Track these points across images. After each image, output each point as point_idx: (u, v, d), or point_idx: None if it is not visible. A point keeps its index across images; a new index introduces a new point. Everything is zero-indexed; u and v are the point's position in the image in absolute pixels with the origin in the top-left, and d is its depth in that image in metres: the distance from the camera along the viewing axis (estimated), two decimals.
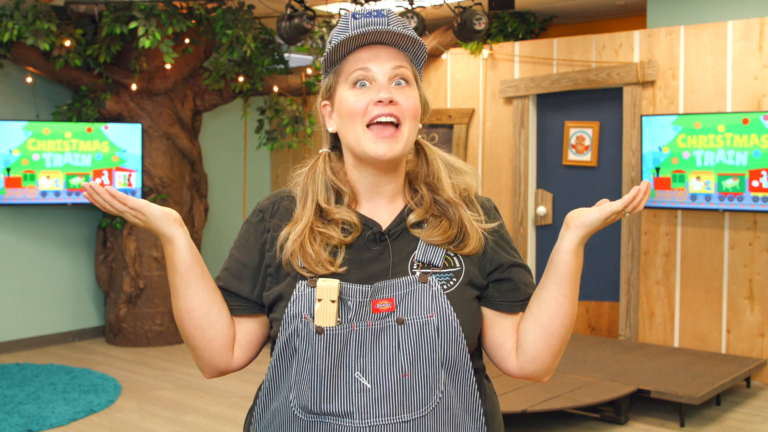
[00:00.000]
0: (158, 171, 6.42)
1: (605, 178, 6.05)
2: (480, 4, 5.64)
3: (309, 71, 6.63)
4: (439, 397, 1.36)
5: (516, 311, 1.46)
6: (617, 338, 5.89)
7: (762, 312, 5.31)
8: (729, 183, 5.24)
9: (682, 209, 5.48)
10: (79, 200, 6.17)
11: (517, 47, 6.40)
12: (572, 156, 6.19)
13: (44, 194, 6.08)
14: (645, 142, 5.55)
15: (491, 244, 1.46)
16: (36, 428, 4.38)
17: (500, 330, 1.47)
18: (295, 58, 7.64)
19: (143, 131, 6.34)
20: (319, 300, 1.36)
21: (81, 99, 6.31)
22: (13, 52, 5.92)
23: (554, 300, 1.40)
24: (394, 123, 1.40)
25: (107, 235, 6.49)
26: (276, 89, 6.60)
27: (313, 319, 1.36)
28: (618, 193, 5.96)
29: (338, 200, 1.46)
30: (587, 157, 6.11)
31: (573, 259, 1.37)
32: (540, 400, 4.28)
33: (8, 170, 5.97)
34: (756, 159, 5.14)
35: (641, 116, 5.61)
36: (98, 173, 6.22)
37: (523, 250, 6.35)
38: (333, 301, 1.35)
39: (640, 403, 4.79)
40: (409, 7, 5.68)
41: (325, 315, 1.35)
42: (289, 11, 5.27)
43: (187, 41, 6.16)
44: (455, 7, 5.79)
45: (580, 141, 6.14)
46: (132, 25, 5.60)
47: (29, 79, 6.23)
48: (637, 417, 4.60)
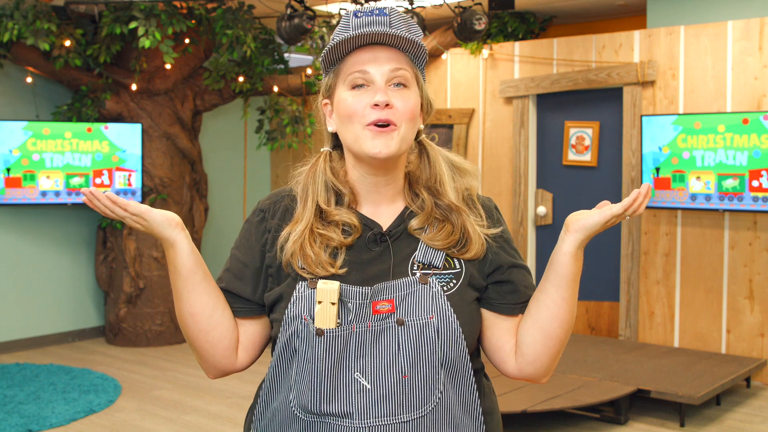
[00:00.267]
0: (158, 171, 6.42)
1: (605, 178, 6.05)
2: (480, 4, 5.64)
3: (309, 71, 6.63)
4: (438, 398, 1.36)
5: (516, 313, 1.46)
6: (617, 338, 5.89)
7: (762, 312, 5.31)
8: (729, 183, 5.24)
9: (682, 209, 5.48)
10: (79, 200, 6.17)
11: (517, 47, 6.40)
12: (572, 156, 6.19)
13: (44, 194, 6.08)
14: (645, 142, 5.55)
15: (493, 248, 1.46)
16: (36, 428, 4.38)
17: (499, 332, 1.47)
18: (295, 58, 7.64)
19: (143, 131, 6.34)
20: (319, 302, 1.36)
21: (81, 99, 6.31)
22: (13, 52, 5.92)
23: (553, 303, 1.39)
24: (391, 125, 1.40)
25: (107, 235, 6.49)
26: (276, 89, 6.60)
27: (313, 321, 1.36)
28: (618, 193, 5.95)
29: (338, 200, 1.46)
30: (587, 157, 6.11)
31: (573, 262, 1.37)
32: (540, 400, 4.28)
33: (8, 170, 5.97)
34: (756, 159, 5.14)
35: (641, 116, 5.61)
36: (98, 173, 6.22)
37: (523, 250, 6.35)
38: (333, 303, 1.35)
39: (640, 403, 4.79)
40: (409, 7, 5.68)
41: (325, 317, 1.35)
42: (289, 11, 5.27)
43: (187, 41, 6.16)
44: (455, 7, 5.79)
45: (580, 141, 6.14)
46: (132, 25, 5.60)
47: (29, 79, 6.23)
48: (637, 417, 4.60)
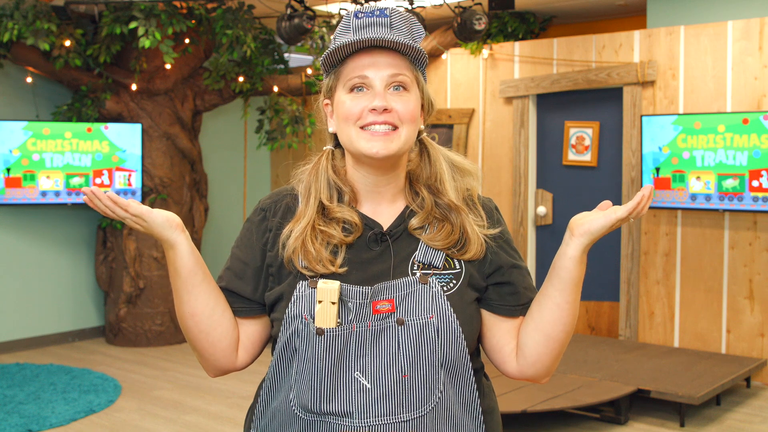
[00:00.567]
0: (158, 171, 6.42)
1: (605, 178, 6.05)
2: (480, 4, 5.64)
3: (309, 71, 6.63)
4: (438, 398, 1.36)
5: (516, 315, 1.46)
6: (617, 338, 5.89)
7: (762, 312, 5.31)
8: (729, 183, 5.24)
9: (682, 209, 5.48)
10: (79, 200, 6.17)
11: (517, 47, 6.40)
12: (572, 156, 6.19)
13: (44, 194, 6.08)
14: (645, 142, 5.55)
15: (492, 248, 1.46)
16: (36, 428, 4.38)
17: (500, 333, 1.47)
18: (295, 58, 7.64)
19: (143, 131, 6.34)
20: (320, 301, 1.36)
21: (81, 99, 6.31)
22: (13, 52, 5.92)
23: (556, 306, 1.40)
24: (390, 129, 1.40)
25: (107, 235, 6.49)
26: (276, 89, 6.60)
27: (314, 320, 1.36)
28: (618, 193, 5.96)
29: (340, 199, 1.46)
30: (587, 157, 6.11)
31: (577, 267, 1.37)
32: (540, 400, 4.28)
33: (8, 170, 5.97)
34: (756, 159, 5.14)
35: (641, 116, 5.61)
36: (98, 173, 6.22)
37: (523, 250, 6.35)
38: (333, 303, 1.35)
39: (640, 403, 4.79)
40: (409, 7, 5.68)
41: (326, 316, 1.35)
42: (289, 11, 5.27)
43: (187, 41, 6.16)
44: (455, 7, 5.79)
45: (580, 141, 6.14)
46: (132, 25, 5.60)
47: (29, 79, 6.23)
48: (637, 417, 4.60)
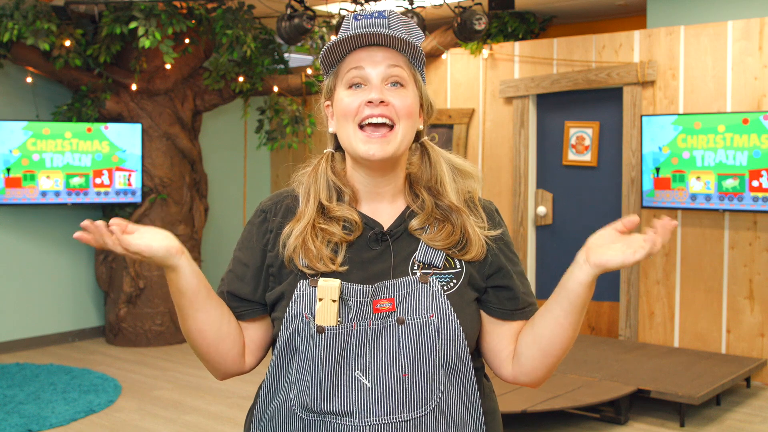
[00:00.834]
0: (158, 171, 6.42)
1: (605, 178, 6.05)
2: (480, 4, 5.64)
3: (309, 71, 6.63)
4: (439, 397, 1.36)
5: (514, 319, 1.46)
6: (617, 338, 5.89)
7: (762, 312, 5.31)
8: (729, 183, 5.24)
9: (682, 209, 5.48)
10: (79, 200, 6.17)
11: (517, 47, 6.40)
12: (572, 156, 6.19)
13: (44, 194, 6.08)
14: (645, 142, 5.55)
15: (493, 249, 1.46)
16: (36, 428, 4.38)
17: (498, 337, 1.47)
18: (295, 58, 7.64)
19: (143, 131, 6.34)
20: (320, 299, 1.36)
21: (81, 99, 6.31)
22: (13, 52, 5.92)
23: (559, 326, 1.39)
24: (388, 124, 1.40)
25: None
26: (276, 89, 6.60)
27: (314, 319, 1.36)
28: (618, 193, 5.96)
29: (340, 198, 1.47)
30: (587, 157, 6.11)
31: (585, 291, 1.35)
32: (540, 400, 4.28)
33: (8, 170, 5.97)
34: (756, 159, 5.14)
35: (641, 116, 5.61)
36: (98, 173, 6.22)
37: (523, 250, 6.35)
38: (334, 301, 1.35)
39: (640, 403, 4.79)
40: (409, 7, 5.68)
41: (326, 314, 1.35)
42: (289, 11, 5.27)
43: (187, 41, 6.16)
44: (455, 7, 5.79)
45: (580, 141, 6.14)
46: (132, 25, 5.60)
47: (29, 79, 6.23)
48: (637, 417, 4.60)
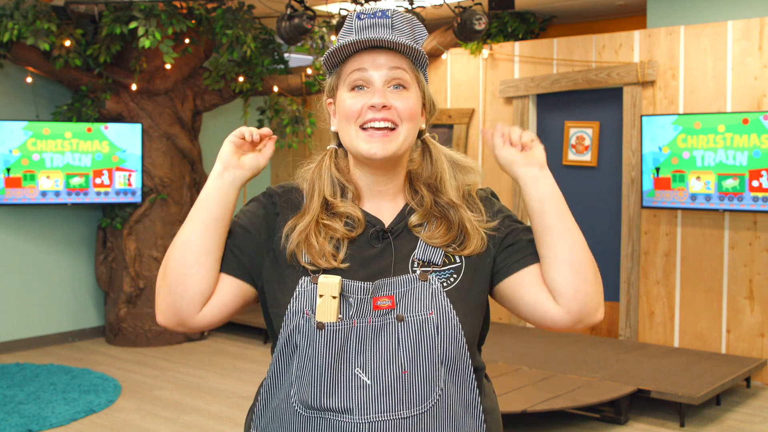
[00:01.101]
0: (158, 171, 6.42)
1: (605, 178, 6.05)
2: (480, 4, 5.64)
3: (309, 71, 6.64)
4: (438, 395, 1.36)
5: (531, 263, 1.44)
6: (617, 338, 5.89)
7: (762, 312, 5.31)
8: (729, 183, 5.24)
9: (682, 209, 5.48)
10: (79, 200, 6.17)
11: (517, 47, 6.40)
12: (572, 156, 6.19)
13: (44, 194, 6.08)
14: (645, 142, 5.55)
15: (492, 237, 1.47)
16: (36, 428, 4.38)
17: (527, 289, 1.44)
18: (295, 58, 7.64)
19: (143, 131, 6.34)
20: (321, 296, 1.36)
21: (81, 99, 6.31)
22: (13, 52, 5.92)
23: (564, 231, 1.40)
24: (390, 127, 1.41)
25: (107, 235, 6.49)
26: (276, 89, 6.60)
27: (315, 315, 1.36)
28: (618, 193, 5.96)
29: (343, 195, 1.48)
30: (587, 157, 6.11)
31: (558, 189, 1.42)
32: (540, 400, 4.28)
33: (8, 170, 5.97)
34: (756, 159, 5.14)
35: (641, 116, 5.61)
36: (98, 173, 6.22)
37: None
38: (334, 297, 1.36)
39: (640, 403, 4.79)
40: (409, 7, 5.68)
41: (326, 311, 1.36)
42: (289, 11, 5.27)
43: (187, 41, 6.16)
44: (455, 7, 5.79)
45: (580, 141, 6.14)
46: (132, 25, 5.60)
47: (29, 79, 6.23)
48: (637, 417, 4.60)
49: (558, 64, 6.19)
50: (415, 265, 1.42)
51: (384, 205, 1.48)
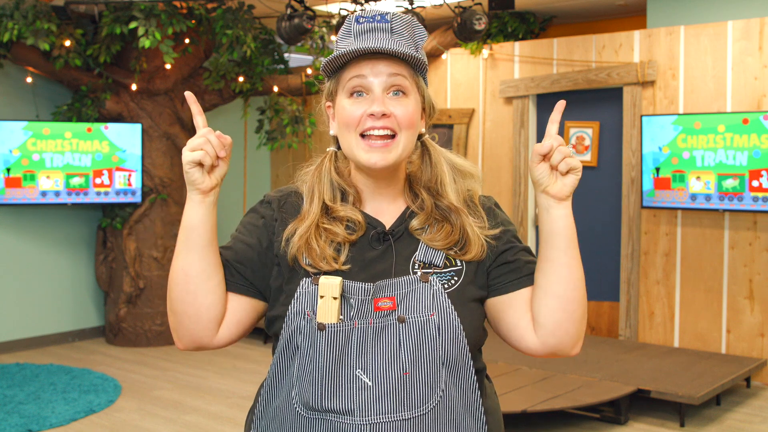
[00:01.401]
0: (158, 171, 6.42)
1: (605, 178, 6.05)
2: (480, 4, 5.64)
3: (309, 71, 6.64)
4: (439, 396, 1.36)
5: (522, 286, 1.44)
6: (617, 338, 5.89)
7: (762, 312, 5.31)
8: (729, 183, 5.24)
9: (682, 209, 5.48)
10: (79, 200, 6.17)
11: (517, 47, 6.40)
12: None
13: (44, 194, 6.08)
14: (645, 142, 5.55)
15: (492, 245, 1.46)
16: (36, 428, 4.38)
17: (512, 311, 1.44)
18: (295, 58, 7.64)
19: (143, 131, 6.34)
20: (322, 297, 1.36)
21: (81, 99, 6.31)
22: (13, 52, 5.92)
23: (564, 266, 1.39)
24: (389, 134, 1.41)
25: (107, 235, 6.49)
26: (276, 89, 6.60)
27: (316, 316, 1.36)
28: (618, 193, 5.96)
29: (343, 199, 1.48)
30: (587, 157, 6.11)
31: (572, 221, 1.39)
32: (540, 400, 4.28)
33: (8, 170, 5.97)
34: (756, 159, 5.14)
35: (641, 116, 5.61)
36: (98, 173, 6.22)
37: None
38: (335, 298, 1.36)
39: (640, 403, 4.79)
40: (409, 7, 5.68)
41: (327, 312, 1.36)
42: (289, 11, 5.27)
43: (187, 41, 6.16)
44: (455, 7, 5.79)
45: (580, 141, 6.14)
46: (132, 25, 5.60)
47: (29, 79, 6.23)
48: (637, 417, 4.60)
49: (558, 64, 6.19)
50: (416, 267, 1.41)
51: (384, 207, 1.48)
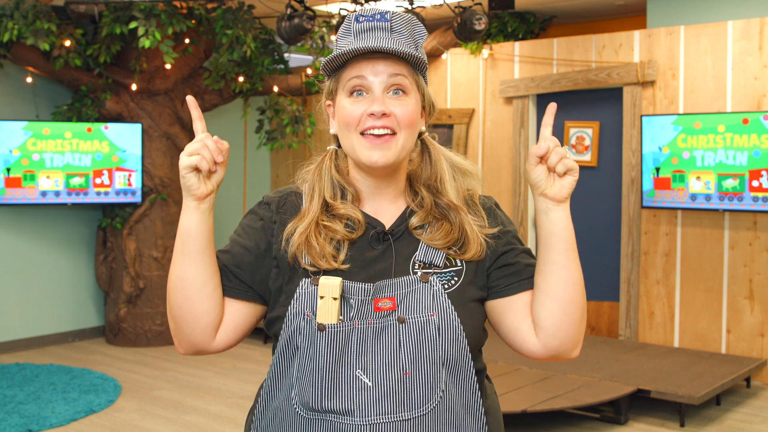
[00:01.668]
0: (158, 171, 6.42)
1: (605, 178, 6.05)
2: (480, 4, 5.64)
3: (309, 71, 6.64)
4: (440, 397, 1.36)
5: (523, 289, 1.45)
6: (617, 338, 5.89)
7: (762, 312, 5.31)
8: (729, 183, 5.24)
9: (682, 209, 5.48)
10: (79, 200, 6.17)
11: (517, 47, 6.40)
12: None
13: (44, 194, 6.08)
14: (645, 142, 5.55)
15: (492, 246, 1.46)
16: (36, 428, 4.38)
17: (513, 314, 1.45)
18: (295, 58, 7.64)
19: (143, 131, 6.34)
20: (321, 297, 1.36)
21: (81, 99, 6.31)
22: (13, 52, 5.92)
23: (564, 269, 1.39)
24: (389, 133, 1.41)
25: (107, 235, 6.49)
26: (276, 89, 6.60)
27: (316, 317, 1.36)
28: (618, 193, 5.96)
29: (343, 197, 1.47)
30: (587, 157, 6.11)
31: (570, 224, 1.39)
32: (540, 400, 4.28)
33: (8, 170, 5.97)
34: (756, 159, 5.14)
35: (641, 116, 5.61)
36: (98, 173, 6.22)
37: None
38: (335, 299, 1.36)
39: (640, 403, 4.79)
40: (409, 7, 5.68)
41: (327, 312, 1.36)
42: (289, 11, 5.27)
43: (187, 41, 6.16)
44: (455, 7, 5.79)
45: (580, 141, 6.14)
46: (132, 25, 5.60)
47: (29, 79, 6.23)
48: (637, 417, 4.60)
49: (558, 64, 6.19)
50: (416, 267, 1.41)
51: (384, 207, 1.48)
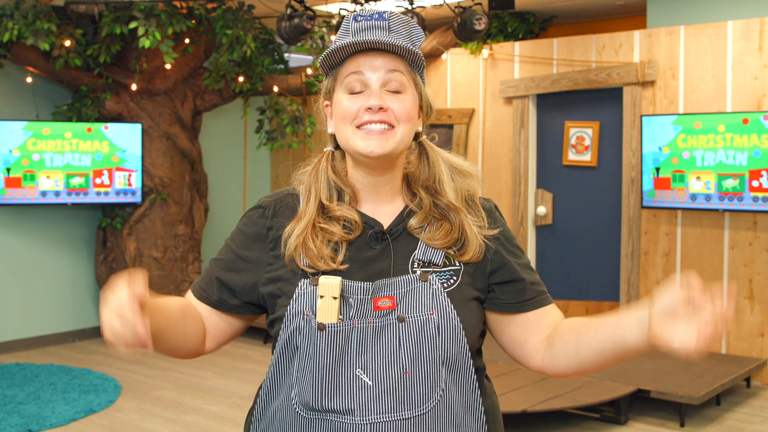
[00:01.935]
0: (158, 171, 6.42)
1: (605, 178, 6.05)
2: (480, 4, 5.64)
3: (309, 71, 6.64)
4: (439, 396, 1.36)
5: (526, 310, 1.45)
6: None
7: (762, 312, 5.31)
8: (729, 183, 5.24)
9: (682, 209, 5.48)
10: (79, 200, 6.17)
11: (517, 47, 6.40)
12: (572, 156, 6.19)
13: (44, 194, 6.08)
14: (645, 142, 5.55)
15: (492, 248, 1.46)
16: (36, 428, 4.38)
17: (517, 328, 1.46)
18: (295, 58, 7.64)
19: (143, 131, 6.34)
20: (321, 297, 1.36)
21: (81, 99, 6.31)
22: (13, 52, 5.92)
23: (604, 357, 1.37)
24: (386, 127, 1.41)
25: (107, 235, 6.49)
26: (276, 89, 6.60)
27: (315, 316, 1.36)
28: (618, 193, 5.96)
29: (340, 198, 1.47)
30: (587, 157, 6.11)
31: (645, 348, 1.31)
32: (540, 400, 4.28)
33: (8, 170, 5.97)
34: (756, 159, 5.14)
35: (641, 116, 5.61)
36: (98, 173, 6.22)
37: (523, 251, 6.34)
38: (335, 298, 1.36)
39: (640, 403, 4.79)
40: (409, 7, 5.68)
41: (327, 312, 1.36)
42: (289, 11, 5.27)
43: (187, 41, 6.16)
44: (455, 7, 5.79)
45: (580, 141, 6.14)
46: (132, 25, 5.60)
47: (29, 79, 6.23)
48: (637, 417, 4.60)
49: (558, 64, 6.19)
50: (416, 266, 1.41)
51: (382, 207, 1.48)
